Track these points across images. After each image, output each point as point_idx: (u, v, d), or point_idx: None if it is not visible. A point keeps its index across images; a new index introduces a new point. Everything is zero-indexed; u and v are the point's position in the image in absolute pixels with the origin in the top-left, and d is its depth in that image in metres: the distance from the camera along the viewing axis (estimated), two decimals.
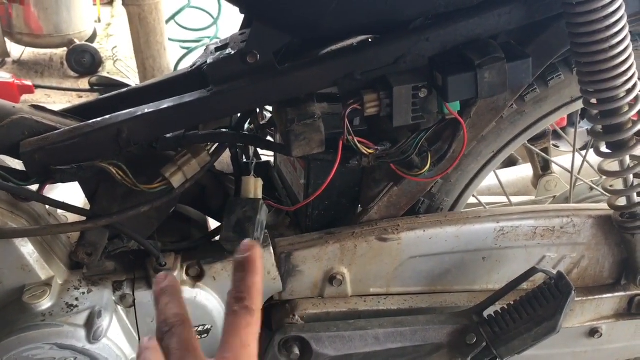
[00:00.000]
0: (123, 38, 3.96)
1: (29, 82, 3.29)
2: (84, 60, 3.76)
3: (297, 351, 0.93)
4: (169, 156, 0.94)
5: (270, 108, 1.11)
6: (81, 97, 3.51)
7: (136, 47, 3.04)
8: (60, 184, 0.92)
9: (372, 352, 0.94)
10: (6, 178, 0.88)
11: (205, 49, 1.00)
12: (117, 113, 0.90)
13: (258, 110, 1.11)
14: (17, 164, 0.94)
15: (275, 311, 0.99)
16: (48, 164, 0.88)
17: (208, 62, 0.89)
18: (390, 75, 0.86)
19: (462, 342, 0.93)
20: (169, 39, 3.17)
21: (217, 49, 0.94)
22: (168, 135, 0.92)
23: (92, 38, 3.98)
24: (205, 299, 0.94)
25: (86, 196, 0.94)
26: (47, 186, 0.89)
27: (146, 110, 0.89)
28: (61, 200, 0.89)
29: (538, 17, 0.87)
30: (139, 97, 0.99)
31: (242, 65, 0.87)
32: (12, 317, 0.86)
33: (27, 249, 0.87)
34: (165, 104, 0.89)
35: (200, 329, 0.95)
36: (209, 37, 3.63)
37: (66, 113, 0.98)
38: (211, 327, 0.95)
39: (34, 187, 0.89)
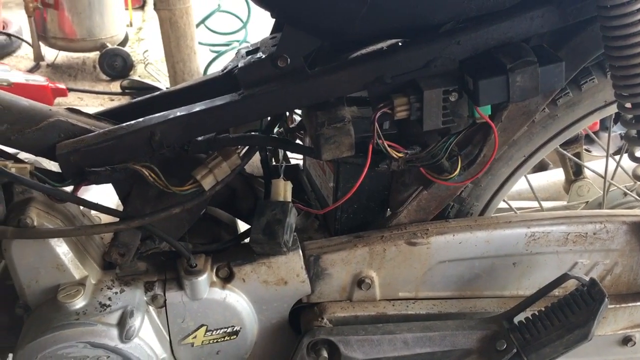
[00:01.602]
0: (154, 42, 4.02)
1: (62, 86, 3.37)
2: (115, 63, 3.83)
3: (325, 354, 0.93)
4: (199, 159, 0.96)
5: (299, 112, 1.12)
6: (113, 100, 3.57)
7: (167, 50, 3.08)
8: (93, 186, 0.94)
9: (400, 357, 0.94)
10: (42, 179, 0.90)
11: (236, 53, 1.01)
12: (149, 116, 0.91)
13: (287, 114, 1.12)
14: (52, 166, 0.97)
15: (304, 314, 0.99)
16: (83, 166, 0.90)
17: (239, 66, 0.90)
18: (420, 79, 0.86)
19: (492, 348, 0.92)
20: (199, 43, 3.21)
21: (248, 53, 0.95)
22: (199, 138, 0.93)
23: (124, 42, 4.06)
24: (235, 301, 0.95)
25: (119, 198, 0.95)
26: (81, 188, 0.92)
27: (178, 114, 0.90)
28: (94, 201, 0.91)
29: (571, 20, 0.86)
30: (170, 100, 1.00)
31: (272, 69, 0.88)
32: (47, 315, 0.87)
33: (62, 249, 0.89)
34: (197, 107, 0.90)
35: (229, 330, 0.96)
36: (238, 41, 3.66)
37: (100, 116, 1.00)
38: (240, 328, 0.96)
39: (69, 189, 0.91)
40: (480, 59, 0.87)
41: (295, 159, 1.24)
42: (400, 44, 0.95)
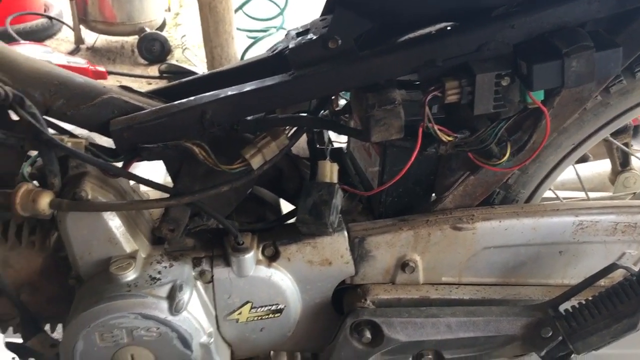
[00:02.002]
0: (191, 27, 4.05)
1: (102, 68, 3.42)
2: (153, 48, 3.88)
3: (368, 335, 0.94)
4: (246, 139, 0.97)
5: (346, 95, 1.12)
6: (150, 84, 3.62)
7: (205, 35, 3.10)
8: (139, 165, 0.96)
9: (443, 340, 0.94)
10: (96, 154, 0.92)
11: (285, 35, 1.01)
12: (201, 95, 0.93)
13: (333, 97, 1.13)
14: (105, 142, 0.99)
15: (347, 295, 1.00)
16: (136, 142, 0.92)
17: (290, 46, 0.91)
18: (472, 62, 0.86)
19: (537, 335, 0.92)
20: (237, 29, 3.23)
21: (298, 35, 0.95)
22: (248, 118, 0.94)
23: (162, 27, 4.10)
24: (280, 279, 0.96)
25: (169, 174, 0.97)
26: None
27: (229, 93, 0.91)
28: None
29: (629, 5, 0.85)
30: (219, 80, 1.01)
31: (323, 50, 0.88)
32: (99, 286, 0.90)
33: (114, 222, 0.91)
34: (248, 87, 0.91)
35: (273, 308, 0.97)
36: (275, 27, 3.67)
37: (151, 94, 1.02)
38: (284, 307, 0.97)
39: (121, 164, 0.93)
40: (534, 43, 0.86)
41: (339, 142, 1.24)
42: (449, 28, 0.95)
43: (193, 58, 3.73)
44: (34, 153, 0.95)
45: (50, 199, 0.88)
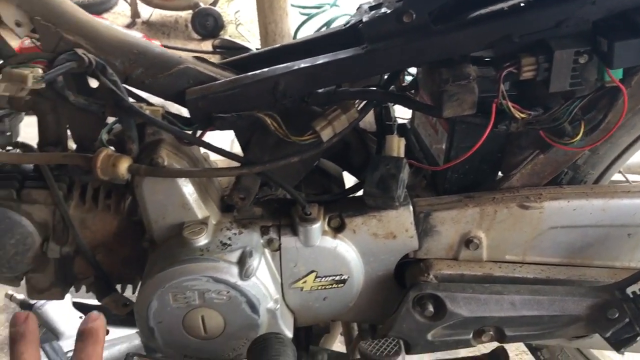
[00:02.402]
0: (245, 2, 4.07)
1: (157, 42, 3.48)
2: (207, 23, 3.92)
3: (430, 308, 0.95)
4: (314, 111, 0.98)
5: (412, 71, 1.12)
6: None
7: (260, 11, 3.11)
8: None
9: (506, 318, 0.94)
10: (172, 122, 0.95)
11: (357, 9, 1.01)
12: (274, 67, 0.94)
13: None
14: (177, 111, 1.02)
15: (410, 269, 1.01)
16: (210, 112, 0.94)
17: (363, 20, 0.91)
18: (550, 38, 0.85)
19: (602, 316, 0.91)
20: (291, 5, 3.23)
21: (371, 8, 0.95)
22: (320, 91, 0.95)
23: (215, 2, 4.13)
24: (345, 251, 0.97)
25: (240, 144, 1.00)
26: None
27: (302, 65, 0.92)
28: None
29: None
30: (291, 53, 1.03)
31: (397, 24, 0.89)
32: (173, 250, 0.93)
33: (188, 188, 0.94)
34: (321, 59, 0.92)
35: (337, 278, 0.99)
36: (328, 4, 3.65)
37: (223, 65, 1.04)
38: (347, 277, 0.99)
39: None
40: (615, 21, 0.84)
41: (402, 118, 1.24)
42: (522, 4, 0.93)
43: (246, 34, 3.76)
44: (110, 120, 0.99)
45: (129, 164, 0.91)
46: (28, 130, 1.09)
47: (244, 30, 3.81)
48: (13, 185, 1.00)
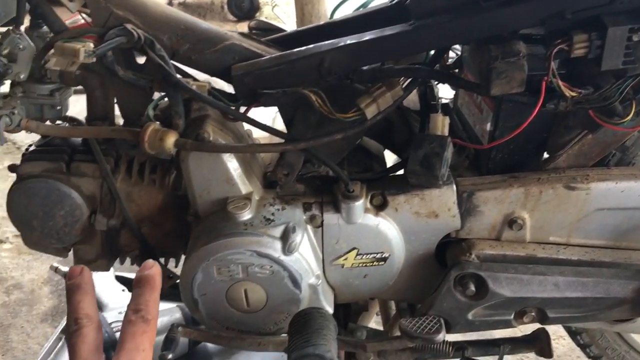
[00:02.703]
0: None
1: None
2: (243, 4, 3.93)
3: (472, 288, 0.94)
4: (357, 89, 0.98)
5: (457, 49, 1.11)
6: None
7: None
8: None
9: (549, 299, 0.94)
10: (218, 98, 0.96)
11: None
12: (320, 43, 0.94)
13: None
14: (221, 87, 1.02)
15: (451, 248, 1.01)
16: (255, 88, 0.95)
17: None
18: (604, 15, 0.83)
19: None
20: None
21: None
22: (365, 68, 0.95)
23: None
24: (387, 228, 0.98)
25: (284, 121, 1.00)
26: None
27: (348, 42, 0.92)
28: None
29: None
30: (336, 30, 1.02)
31: (446, 0, 0.88)
32: (217, 224, 0.95)
33: (232, 164, 0.95)
34: (367, 36, 0.92)
35: (378, 256, 0.99)
36: None
37: (268, 42, 1.04)
38: (388, 255, 0.99)
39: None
40: None
41: (444, 98, 1.23)
42: None
43: (282, 15, 3.75)
44: (157, 95, 1.00)
45: (175, 139, 0.93)
46: (77, 105, 1.11)
47: (280, 11, 3.80)
48: (62, 158, 1.03)
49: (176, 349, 0.92)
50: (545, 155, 1.02)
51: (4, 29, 0.94)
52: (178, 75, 0.94)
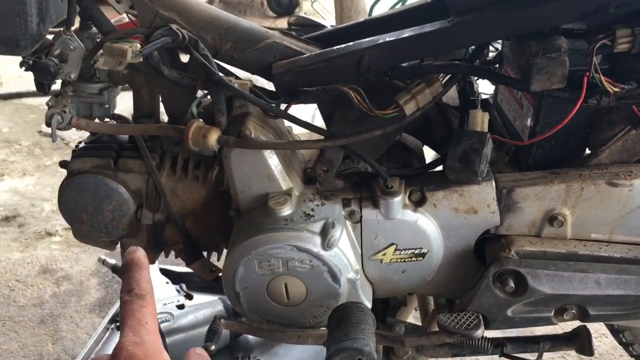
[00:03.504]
0: None
1: None
2: (282, 1, 3.96)
3: (512, 284, 0.94)
4: (395, 86, 0.99)
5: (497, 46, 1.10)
6: None
7: None
8: None
9: (590, 296, 0.93)
10: (259, 95, 0.98)
11: None
12: (359, 40, 0.95)
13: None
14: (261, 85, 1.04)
15: (490, 244, 1.01)
16: (295, 85, 0.97)
17: None
18: None
19: None
20: None
21: None
22: (404, 64, 0.95)
23: None
24: (425, 224, 0.98)
25: (323, 118, 1.02)
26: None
27: (387, 39, 0.93)
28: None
29: None
30: (375, 27, 1.03)
31: None
32: (258, 219, 0.97)
33: (273, 160, 0.97)
34: (406, 33, 0.92)
35: (416, 251, 1.00)
36: None
37: (308, 40, 1.06)
38: (427, 251, 1.00)
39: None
40: None
41: (484, 94, 1.22)
42: None
43: (321, 11, 3.76)
44: (199, 94, 1.03)
45: (218, 136, 0.95)
46: (121, 102, 1.15)
47: (319, 7, 3.82)
48: (110, 155, 1.07)
49: (219, 341, 0.95)
50: (587, 151, 1.01)
51: (55, 30, 0.98)
52: (220, 74, 0.97)
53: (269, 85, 1.03)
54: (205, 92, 1.01)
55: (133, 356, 0.49)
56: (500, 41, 1.06)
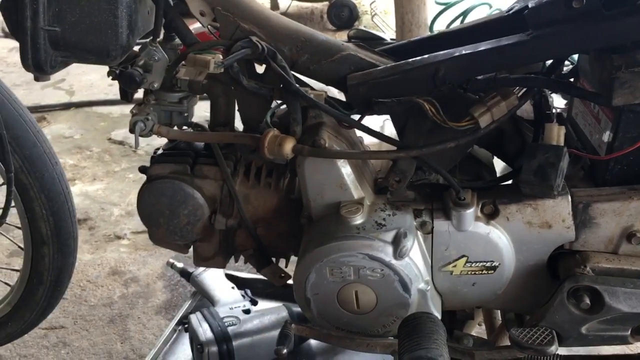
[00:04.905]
0: None
1: None
2: (342, 14, 4.00)
3: (587, 301, 0.92)
4: (469, 98, 0.99)
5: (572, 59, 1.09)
6: None
7: (397, 0, 3.12)
8: None
9: None
10: (334, 106, 1.00)
11: None
12: (435, 53, 0.96)
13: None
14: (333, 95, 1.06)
15: (564, 260, 0.99)
16: (370, 97, 0.98)
17: (529, 6, 0.90)
18: None
19: None
20: None
21: None
22: (479, 77, 0.96)
23: None
24: (497, 237, 0.98)
25: (396, 129, 1.03)
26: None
27: (463, 52, 0.94)
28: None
29: None
30: (449, 40, 1.04)
31: (566, 10, 0.87)
32: (330, 227, 0.99)
33: (345, 169, 0.99)
34: (482, 46, 0.93)
35: (488, 264, 0.99)
36: None
37: (381, 52, 1.07)
38: (498, 264, 0.99)
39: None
40: None
41: (557, 108, 1.20)
42: None
43: (381, 24, 3.78)
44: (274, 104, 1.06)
45: (293, 145, 0.98)
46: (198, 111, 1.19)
47: (379, 20, 3.84)
48: (187, 161, 1.11)
49: (289, 345, 0.97)
50: None
51: (141, 42, 1.03)
52: (297, 85, 0.99)
53: (340, 96, 1.06)
54: (279, 102, 1.04)
55: None
56: (576, 55, 1.05)
